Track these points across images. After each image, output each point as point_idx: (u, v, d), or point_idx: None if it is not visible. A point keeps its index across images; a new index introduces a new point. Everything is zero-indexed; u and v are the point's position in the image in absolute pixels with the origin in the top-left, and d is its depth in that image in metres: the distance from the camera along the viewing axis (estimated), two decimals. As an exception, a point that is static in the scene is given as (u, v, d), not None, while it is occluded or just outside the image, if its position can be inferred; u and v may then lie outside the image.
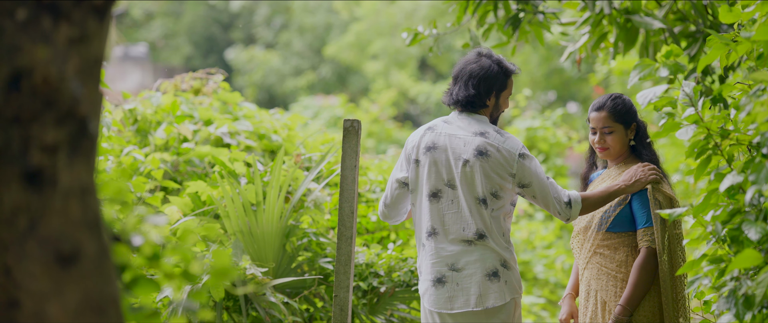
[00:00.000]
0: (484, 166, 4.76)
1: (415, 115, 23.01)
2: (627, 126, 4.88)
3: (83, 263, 2.23)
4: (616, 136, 4.86)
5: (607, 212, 4.84)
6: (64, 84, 2.22)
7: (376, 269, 6.04)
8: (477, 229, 4.76)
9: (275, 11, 27.31)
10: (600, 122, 4.86)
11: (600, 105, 4.88)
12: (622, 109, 4.85)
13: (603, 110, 4.85)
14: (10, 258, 2.17)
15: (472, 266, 4.77)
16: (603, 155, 4.92)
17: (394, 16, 20.30)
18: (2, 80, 2.18)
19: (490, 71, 4.86)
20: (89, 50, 2.33)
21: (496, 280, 4.76)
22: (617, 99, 4.87)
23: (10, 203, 2.18)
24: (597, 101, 4.95)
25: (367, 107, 16.40)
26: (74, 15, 2.30)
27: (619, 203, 4.83)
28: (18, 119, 2.18)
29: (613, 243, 4.83)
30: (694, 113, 3.81)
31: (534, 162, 4.81)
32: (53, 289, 2.20)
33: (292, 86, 24.92)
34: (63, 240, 2.21)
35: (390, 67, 21.08)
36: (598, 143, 4.88)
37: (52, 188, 2.21)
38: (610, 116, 4.84)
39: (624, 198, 4.82)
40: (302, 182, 6.05)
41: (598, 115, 4.86)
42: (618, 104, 4.85)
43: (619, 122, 4.85)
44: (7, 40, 2.20)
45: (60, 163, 2.22)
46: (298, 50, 25.87)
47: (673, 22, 6.64)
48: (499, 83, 4.85)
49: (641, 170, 4.81)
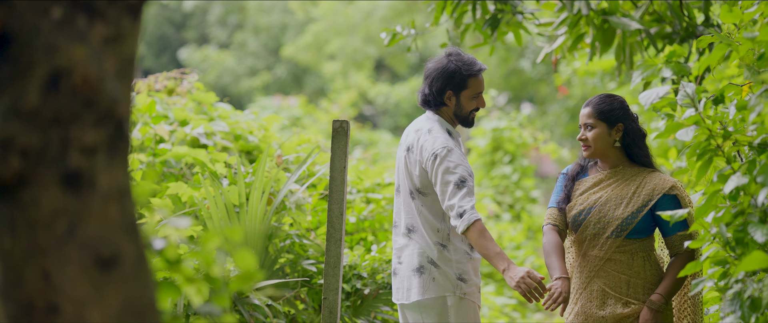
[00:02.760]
0: (408, 161, 4.84)
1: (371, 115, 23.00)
2: (610, 125, 4.81)
3: (123, 267, 2.19)
4: (597, 133, 4.79)
5: (626, 220, 4.73)
6: (103, 84, 2.18)
7: (359, 271, 6.01)
8: (406, 223, 4.81)
9: (229, 11, 27.16)
10: (584, 117, 4.84)
11: (588, 102, 4.89)
12: (607, 107, 4.80)
13: (588, 107, 4.84)
14: (50, 263, 2.12)
15: (407, 259, 4.84)
16: (586, 152, 4.85)
17: (352, 16, 20.26)
18: (40, 80, 2.13)
19: (446, 70, 4.86)
20: (123, 49, 2.28)
21: (420, 275, 4.79)
22: (606, 98, 4.86)
23: (48, 207, 2.13)
24: (587, 101, 4.95)
25: (328, 107, 16.35)
26: (109, 13, 2.25)
27: (639, 209, 4.72)
28: (57, 120, 2.13)
29: (630, 249, 4.75)
30: (696, 114, 3.82)
31: (446, 166, 4.71)
32: (93, 294, 2.15)
33: (247, 87, 24.79)
34: (102, 244, 2.16)
35: (348, 67, 21.04)
36: (580, 139, 4.85)
37: (91, 191, 2.16)
38: (593, 113, 4.81)
39: (645, 204, 4.72)
40: (284, 183, 6.01)
41: (584, 111, 4.86)
42: (604, 101, 4.82)
43: (602, 120, 4.79)
44: (44, 40, 2.15)
45: (99, 165, 2.17)
46: (253, 50, 25.74)
47: (650, 23, 6.67)
48: (455, 82, 4.84)
49: (523, 284, 4.63)
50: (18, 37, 2.14)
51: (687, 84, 3.88)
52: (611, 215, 4.76)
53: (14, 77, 2.13)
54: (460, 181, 4.70)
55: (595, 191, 4.86)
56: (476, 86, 4.89)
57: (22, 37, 2.14)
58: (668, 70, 3.79)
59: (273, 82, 25.03)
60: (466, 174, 4.75)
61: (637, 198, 4.74)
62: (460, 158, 4.76)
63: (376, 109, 22.00)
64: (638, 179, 4.80)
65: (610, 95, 4.90)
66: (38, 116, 2.12)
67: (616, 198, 4.79)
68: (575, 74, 12.46)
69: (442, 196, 4.71)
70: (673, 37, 6.61)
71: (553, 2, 6.93)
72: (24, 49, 2.13)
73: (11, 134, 2.10)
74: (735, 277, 3.63)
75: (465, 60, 4.90)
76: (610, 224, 4.74)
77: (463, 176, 4.72)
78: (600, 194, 4.83)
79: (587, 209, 4.82)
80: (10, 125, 2.10)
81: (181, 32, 28.87)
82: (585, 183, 4.91)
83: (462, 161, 4.76)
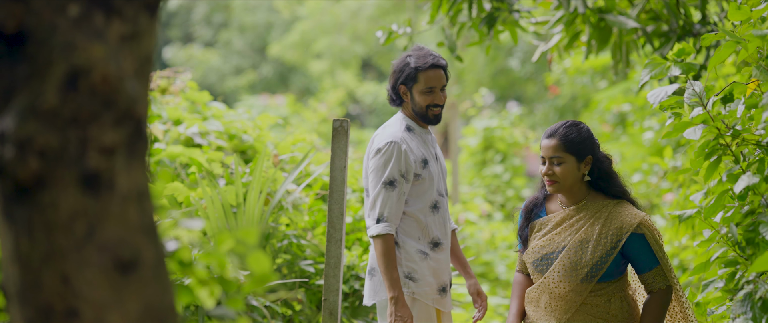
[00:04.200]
0: (364, 159, 4.81)
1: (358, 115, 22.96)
2: (580, 158, 4.36)
3: (142, 270, 2.14)
4: (567, 168, 4.35)
5: (595, 266, 4.29)
6: (123, 83, 2.13)
7: (357, 271, 5.97)
8: (367, 224, 4.76)
9: (214, 9, 27.06)
10: (550, 150, 4.37)
11: (552, 132, 4.41)
12: (576, 139, 4.36)
13: (554, 138, 4.37)
14: (69, 266, 2.08)
15: (369, 261, 4.82)
16: (551, 188, 4.39)
17: (339, 15, 20.21)
18: (59, 80, 2.08)
19: (399, 66, 4.84)
20: (141, 48, 2.24)
21: (371, 277, 4.76)
22: (572, 127, 4.40)
23: (67, 208, 2.08)
24: (551, 127, 4.49)
25: (315, 106, 16.31)
26: (126, 11, 2.21)
27: (608, 253, 4.29)
28: (75, 120, 2.08)
29: (606, 291, 4.36)
30: (704, 112, 3.80)
31: (379, 161, 4.64)
32: (113, 298, 2.10)
33: (232, 86, 24.71)
34: (122, 247, 2.11)
35: (335, 66, 21.00)
36: (546, 174, 4.39)
37: (110, 192, 2.11)
38: (560, 146, 4.35)
39: (614, 246, 4.28)
40: (282, 183, 5.96)
41: (549, 143, 4.38)
42: (571, 132, 4.37)
43: (571, 153, 4.35)
44: (61, 38, 2.10)
45: (117, 166, 2.12)
46: (239, 49, 25.66)
47: (646, 21, 6.66)
48: (405, 77, 4.79)
49: (395, 319, 4.52)
50: (34, 35, 2.09)
51: (695, 82, 3.85)
52: (579, 260, 4.33)
53: (31, 76, 2.08)
54: (389, 182, 4.63)
55: (559, 232, 4.43)
56: (427, 81, 4.77)
57: (38, 35, 2.09)
58: (677, 69, 3.75)
59: (258, 81, 24.96)
60: (397, 175, 4.65)
61: (605, 240, 4.31)
62: (399, 157, 4.65)
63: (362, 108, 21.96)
64: (604, 215, 4.36)
65: (576, 122, 4.48)
66: (56, 115, 2.07)
67: (583, 242, 4.34)
68: (565, 73, 12.45)
69: (371, 193, 4.66)
70: (669, 36, 6.59)
71: (549, 1, 6.91)
72: (41, 47, 2.08)
73: (29, 134, 2.05)
74: (746, 278, 3.61)
75: (419, 54, 4.83)
76: (579, 270, 4.32)
77: (394, 177, 4.64)
78: (564, 236, 4.40)
79: (552, 253, 4.41)
80: (28, 125, 2.05)
81: (165, 31, 28.76)
82: (547, 223, 4.47)
83: (401, 159, 4.67)
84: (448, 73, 4.92)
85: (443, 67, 4.83)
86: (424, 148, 4.75)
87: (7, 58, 2.08)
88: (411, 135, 4.74)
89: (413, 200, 4.68)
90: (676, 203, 6.66)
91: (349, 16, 19.96)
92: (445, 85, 4.84)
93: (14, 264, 2.10)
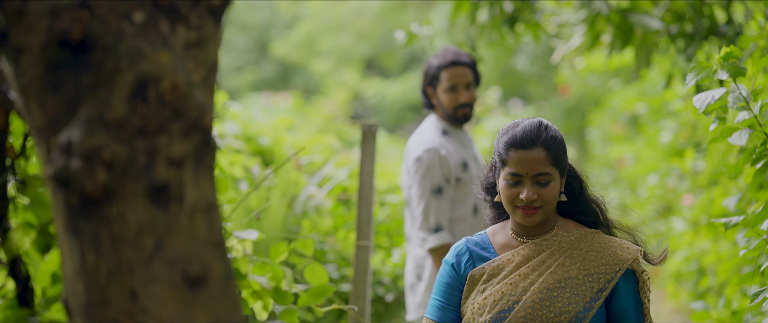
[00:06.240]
0: (402, 166, 4.75)
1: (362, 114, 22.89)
2: (563, 172, 3.16)
3: (211, 285, 2.07)
4: (554, 187, 3.10)
5: (580, 313, 3.05)
6: (192, 92, 2.05)
7: (380, 276, 5.89)
8: (406, 233, 4.68)
9: (215, 8, 26.83)
10: (535, 164, 3.07)
11: (532, 138, 3.09)
12: (561, 145, 3.13)
13: (539, 147, 3.08)
14: (136, 281, 2.00)
15: (407, 274, 4.73)
16: (532, 218, 3.08)
17: (343, 15, 20.15)
18: (127, 89, 2.00)
19: (425, 68, 4.80)
20: (207, 55, 2.17)
21: (412, 293, 4.66)
22: (550, 129, 3.14)
23: (135, 222, 2.01)
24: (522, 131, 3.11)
25: (321, 105, 16.20)
26: (192, 17, 2.13)
27: (594, 297, 3.07)
28: (143, 131, 2.00)
29: None
30: (752, 116, 3.72)
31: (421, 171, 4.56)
32: (182, 314, 2.03)
33: (234, 84, 24.61)
34: (191, 261, 2.04)
35: (340, 65, 20.94)
36: (527, 200, 3.05)
37: (178, 205, 2.04)
38: (549, 157, 3.08)
39: (602, 288, 3.08)
40: (304, 187, 5.89)
41: (533, 154, 3.08)
42: (554, 136, 3.13)
43: (556, 166, 3.12)
44: (128, 45, 2.02)
45: (186, 178, 2.05)
46: (240, 47, 25.58)
47: (670, 21, 6.59)
48: (430, 78, 4.75)
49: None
50: (100, 42, 2.01)
51: (740, 86, 3.77)
52: (556, 307, 3.05)
53: (98, 85, 2.01)
54: (436, 190, 4.55)
55: (524, 274, 3.12)
56: (449, 78, 4.71)
57: (104, 42, 2.01)
58: (724, 72, 3.68)
59: (259, 80, 24.87)
60: (443, 182, 4.57)
61: (590, 279, 3.10)
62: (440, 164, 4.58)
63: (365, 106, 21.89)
64: (584, 247, 3.16)
65: (543, 120, 3.19)
66: (124, 126, 1.99)
67: (560, 282, 3.09)
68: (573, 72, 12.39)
69: (417, 203, 4.57)
70: (693, 37, 6.52)
71: (571, 0, 6.84)
72: (107, 55, 2.01)
73: (97, 146, 1.98)
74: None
75: (442, 53, 4.78)
76: (555, 321, 3.06)
77: (440, 184, 4.56)
78: (533, 278, 3.10)
79: (516, 303, 3.08)
80: (95, 136, 1.98)
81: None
82: (503, 267, 3.15)
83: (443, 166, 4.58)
84: (477, 72, 4.84)
85: (467, 64, 4.75)
86: (463, 150, 4.68)
87: (73, 67, 2.01)
88: (448, 139, 4.66)
89: (456, 205, 4.60)
90: (701, 207, 6.59)
91: (353, 16, 19.90)
92: (471, 83, 4.76)
93: (79, 279, 2.03)
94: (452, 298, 3.16)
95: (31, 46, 2.01)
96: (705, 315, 4.89)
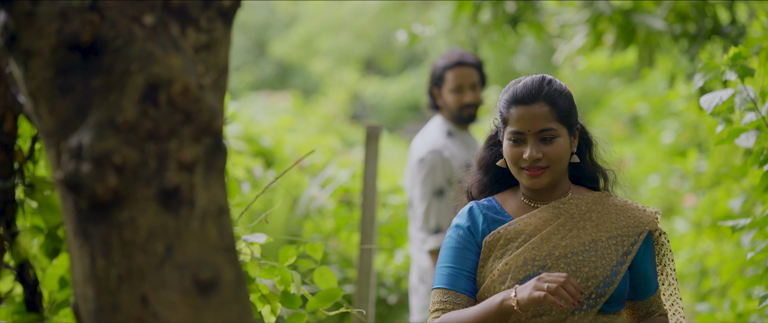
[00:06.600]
0: (406, 167, 4.75)
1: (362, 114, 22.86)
2: (572, 131, 2.95)
3: (222, 290, 2.05)
4: (562, 145, 2.87)
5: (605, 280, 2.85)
6: (203, 95, 2.03)
7: (383, 278, 5.88)
8: (410, 234, 4.67)
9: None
10: (537, 120, 2.84)
11: (533, 92, 2.86)
12: (568, 101, 2.91)
13: (541, 101, 2.85)
14: (147, 287, 1.98)
15: (411, 276, 4.72)
16: (537, 180, 2.86)
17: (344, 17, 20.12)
18: (137, 92, 1.98)
19: (431, 69, 4.81)
20: (217, 58, 2.15)
21: (416, 296, 4.65)
22: (555, 84, 2.92)
23: (145, 227, 1.99)
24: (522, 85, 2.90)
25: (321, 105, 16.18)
26: (202, 20, 2.11)
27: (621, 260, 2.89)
28: (154, 135, 1.98)
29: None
30: (760, 118, 3.70)
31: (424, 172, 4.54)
32: (193, 319, 2.01)
33: (232, 84, 24.59)
34: (202, 266, 2.02)
35: (340, 65, 20.91)
36: (530, 160, 2.83)
37: (189, 210, 2.02)
38: (552, 111, 2.86)
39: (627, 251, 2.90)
40: (307, 188, 5.87)
41: (533, 110, 2.85)
42: (559, 91, 2.90)
43: (563, 123, 2.89)
44: (138, 48, 2.00)
45: (197, 182, 2.03)
46: (238, 47, 25.54)
47: (673, 21, 6.57)
48: (436, 79, 4.76)
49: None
50: (110, 45, 1.99)
51: (748, 87, 3.75)
52: (582, 273, 2.84)
53: (108, 89, 1.98)
54: (438, 191, 4.53)
55: (547, 235, 2.90)
56: (454, 78, 4.72)
57: (114, 45, 1.99)
58: (732, 73, 3.66)
59: (258, 79, 24.84)
60: (445, 183, 4.56)
61: (615, 242, 2.91)
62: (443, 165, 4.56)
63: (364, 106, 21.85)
64: (602, 209, 2.97)
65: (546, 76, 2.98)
66: (135, 130, 1.97)
67: (583, 246, 2.89)
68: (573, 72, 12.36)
69: (420, 204, 4.56)
70: (696, 37, 6.51)
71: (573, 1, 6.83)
72: (117, 58, 1.99)
73: (107, 149, 1.96)
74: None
75: (447, 54, 4.78)
76: (588, 282, 2.85)
77: (442, 186, 4.55)
78: (556, 241, 2.89)
79: (541, 268, 2.85)
80: (106, 140, 1.96)
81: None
82: (521, 232, 2.90)
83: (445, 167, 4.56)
84: (483, 73, 4.84)
85: (472, 65, 4.75)
86: (467, 152, 4.67)
87: (83, 70, 1.99)
88: (452, 140, 4.65)
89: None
90: (703, 208, 6.57)
91: (351, 15, 19.87)
92: (476, 83, 4.76)
93: (89, 284, 2.01)
94: (466, 263, 2.89)
95: (41, 49, 1.99)
96: (710, 317, 4.88)
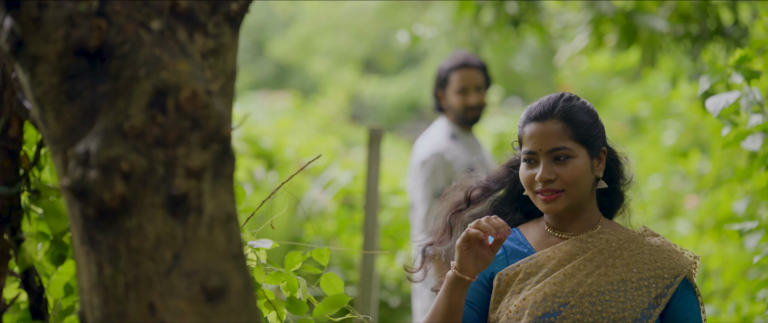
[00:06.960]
0: (408, 170, 4.75)
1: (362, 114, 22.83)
2: (593, 152, 2.72)
3: (231, 298, 2.03)
4: (578, 167, 2.66)
5: (639, 319, 2.64)
6: (212, 102, 2.01)
7: (385, 281, 5.86)
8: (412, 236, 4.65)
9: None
10: (549, 138, 2.65)
11: (547, 109, 2.68)
12: (589, 119, 2.73)
13: (554, 118, 2.66)
14: (155, 294, 1.96)
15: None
16: (552, 205, 2.66)
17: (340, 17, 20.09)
18: (145, 98, 1.96)
19: (436, 72, 4.81)
20: (225, 63, 2.13)
21: (418, 299, 4.63)
22: (575, 101, 2.73)
23: (153, 234, 1.97)
24: (539, 103, 2.73)
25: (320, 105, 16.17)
26: (210, 25, 2.09)
27: (653, 303, 2.66)
28: (161, 142, 1.96)
29: None
30: (766, 121, 3.68)
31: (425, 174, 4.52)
32: (201, 328, 1.98)
33: (231, 85, 24.45)
34: (210, 273, 2.00)
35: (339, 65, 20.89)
36: (541, 180, 2.64)
37: (197, 217, 2.00)
38: (567, 129, 2.67)
39: (661, 293, 2.67)
40: (308, 191, 5.86)
41: (546, 127, 2.66)
42: (578, 108, 2.71)
43: (582, 143, 2.69)
44: (145, 54, 1.98)
45: (205, 189, 2.01)
46: (237, 47, 25.45)
47: (676, 22, 6.56)
48: (441, 80, 4.77)
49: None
50: (117, 51, 1.97)
51: (754, 89, 3.74)
52: (609, 313, 2.62)
53: (115, 95, 1.97)
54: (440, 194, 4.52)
55: (571, 271, 2.68)
56: (459, 80, 4.72)
57: (121, 51, 1.97)
58: (738, 76, 3.64)
59: (256, 79, 24.81)
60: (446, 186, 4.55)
61: (647, 284, 2.67)
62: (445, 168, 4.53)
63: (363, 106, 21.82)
64: (635, 248, 2.73)
65: (572, 95, 2.78)
66: (143, 136, 1.95)
67: (611, 285, 2.67)
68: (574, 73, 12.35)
69: (419, 206, 4.55)
70: (699, 37, 6.50)
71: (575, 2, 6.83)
72: (124, 64, 1.97)
73: (115, 156, 1.94)
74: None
75: (452, 56, 4.79)
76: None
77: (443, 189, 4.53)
78: (581, 277, 2.67)
79: (562, 306, 2.64)
80: (113, 146, 1.94)
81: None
82: (544, 264, 2.71)
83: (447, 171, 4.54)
84: (488, 76, 4.83)
85: (477, 67, 4.75)
86: (471, 155, 4.65)
87: (90, 76, 1.97)
88: (455, 143, 4.64)
89: None
90: (706, 209, 6.55)
91: (350, 15, 19.85)
92: (481, 85, 4.75)
93: (96, 292, 1.99)
94: (475, 295, 2.73)
95: (48, 54, 1.97)
96: (715, 320, 4.86)
